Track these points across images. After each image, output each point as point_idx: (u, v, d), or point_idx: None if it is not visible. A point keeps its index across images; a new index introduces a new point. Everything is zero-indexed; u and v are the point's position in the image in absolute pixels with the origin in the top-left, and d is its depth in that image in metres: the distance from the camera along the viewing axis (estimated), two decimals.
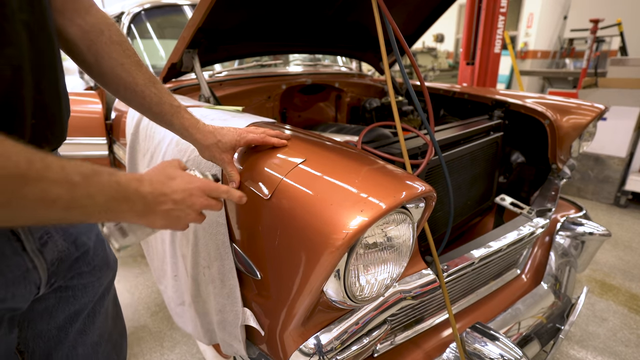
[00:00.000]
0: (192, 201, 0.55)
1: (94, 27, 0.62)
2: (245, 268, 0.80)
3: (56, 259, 0.58)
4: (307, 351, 0.74)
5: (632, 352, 1.61)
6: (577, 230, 1.47)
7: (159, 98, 0.68)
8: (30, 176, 0.35)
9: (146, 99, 0.68)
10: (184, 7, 1.77)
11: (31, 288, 0.54)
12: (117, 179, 0.45)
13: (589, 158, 3.17)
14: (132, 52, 0.66)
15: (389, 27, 0.82)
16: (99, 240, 0.69)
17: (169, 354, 1.64)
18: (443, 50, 7.63)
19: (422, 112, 0.89)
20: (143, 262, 2.38)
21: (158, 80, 0.70)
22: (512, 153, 1.63)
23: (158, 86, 0.69)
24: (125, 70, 0.65)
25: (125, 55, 0.65)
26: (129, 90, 0.67)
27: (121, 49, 0.65)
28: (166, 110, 0.69)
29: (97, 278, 0.68)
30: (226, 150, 0.72)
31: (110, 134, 1.55)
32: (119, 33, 0.65)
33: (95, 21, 0.62)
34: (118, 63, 0.64)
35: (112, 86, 0.67)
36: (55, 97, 0.54)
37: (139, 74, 0.66)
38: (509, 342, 1.00)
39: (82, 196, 0.41)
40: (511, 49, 4.82)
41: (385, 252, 0.68)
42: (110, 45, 0.63)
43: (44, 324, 0.62)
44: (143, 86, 0.67)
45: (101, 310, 0.71)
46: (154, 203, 0.50)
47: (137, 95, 0.67)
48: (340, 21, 1.52)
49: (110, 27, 0.64)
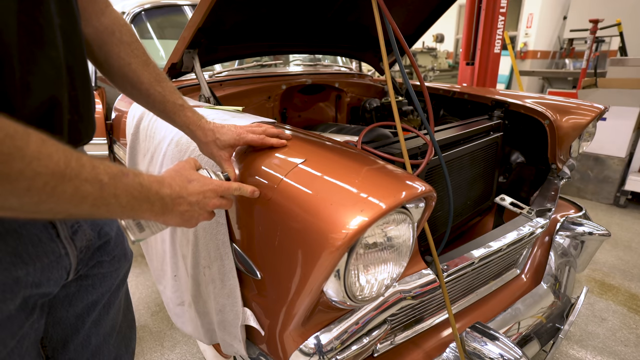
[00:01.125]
0: (205, 202, 0.59)
1: (107, 28, 0.65)
2: (245, 268, 0.80)
3: (84, 247, 0.61)
4: (307, 351, 0.74)
5: (632, 351, 1.61)
6: (576, 230, 1.47)
7: (162, 97, 0.71)
8: (67, 174, 0.39)
9: (150, 97, 0.71)
10: (184, 7, 1.77)
11: (62, 273, 0.57)
12: (140, 180, 0.48)
13: (589, 158, 3.17)
14: (140, 52, 0.69)
15: (389, 27, 0.82)
16: (119, 231, 0.72)
17: (169, 354, 1.64)
18: (443, 51, 7.62)
19: (422, 112, 0.89)
20: (143, 262, 2.38)
21: (165, 79, 0.72)
22: (512, 153, 1.63)
23: (163, 84, 0.71)
24: (131, 70, 0.68)
25: (133, 55, 0.68)
26: (135, 89, 0.70)
27: (130, 49, 0.67)
28: (169, 108, 0.72)
29: (115, 269, 0.70)
30: (224, 148, 0.73)
31: (110, 134, 1.55)
32: (130, 33, 0.68)
33: (109, 22, 0.65)
34: (126, 63, 0.67)
35: (119, 83, 0.71)
36: (87, 94, 0.58)
37: (145, 73, 0.69)
38: (509, 341, 1.00)
39: (109, 195, 0.44)
40: (511, 49, 4.82)
41: (385, 252, 0.68)
42: (120, 46, 0.66)
43: (63, 311, 0.64)
44: (148, 85, 0.70)
45: (115, 302, 0.73)
46: (171, 204, 0.54)
47: (142, 94, 0.71)
48: (340, 21, 1.52)
49: (121, 28, 0.67)
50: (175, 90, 0.74)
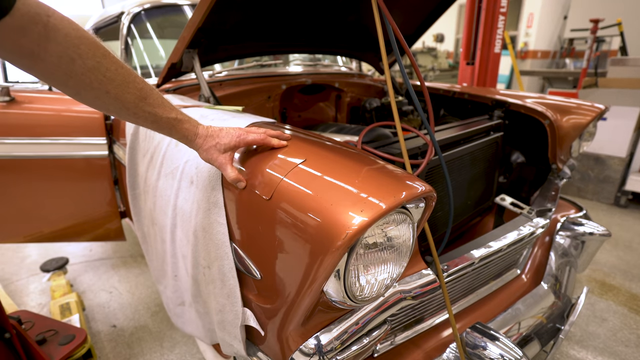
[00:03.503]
0: None
1: (61, 58, 0.53)
2: (245, 268, 0.80)
3: None
4: (307, 351, 0.74)
5: (632, 352, 1.61)
6: (577, 230, 1.47)
7: (153, 116, 0.66)
8: None
9: (140, 120, 0.66)
10: (184, 7, 1.77)
11: None
12: None
13: (589, 158, 3.17)
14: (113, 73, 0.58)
15: (389, 27, 0.82)
16: None
17: (169, 354, 1.64)
18: (443, 50, 7.63)
19: (422, 112, 0.89)
20: (143, 262, 2.38)
21: (150, 91, 0.65)
22: (512, 153, 1.63)
23: (150, 100, 0.64)
24: (111, 98, 0.60)
25: (107, 80, 0.57)
26: (122, 114, 0.64)
27: (101, 74, 0.56)
28: (163, 125, 0.69)
29: None
30: (225, 151, 0.72)
31: (110, 134, 1.55)
32: (91, 55, 0.55)
33: (61, 50, 0.52)
34: (102, 92, 0.58)
35: (104, 111, 0.65)
36: None
37: (127, 95, 0.61)
38: (509, 342, 1.00)
39: None
40: (511, 49, 4.82)
41: (385, 252, 0.68)
42: (88, 74, 0.55)
43: None
44: (134, 107, 0.63)
45: None
46: None
47: (131, 117, 0.65)
48: (340, 21, 1.52)
49: (81, 54, 0.54)
50: (164, 101, 0.68)
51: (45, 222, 1.68)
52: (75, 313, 1.75)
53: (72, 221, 1.69)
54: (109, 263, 2.39)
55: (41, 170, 1.54)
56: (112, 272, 2.28)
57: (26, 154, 1.50)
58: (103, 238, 1.80)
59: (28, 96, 1.58)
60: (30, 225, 1.68)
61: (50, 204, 1.63)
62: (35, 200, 1.61)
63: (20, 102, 1.53)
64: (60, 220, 1.69)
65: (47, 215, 1.67)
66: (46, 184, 1.59)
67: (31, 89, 1.76)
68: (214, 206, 0.80)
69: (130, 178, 1.29)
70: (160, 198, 1.03)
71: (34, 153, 1.50)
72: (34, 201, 1.61)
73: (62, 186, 1.61)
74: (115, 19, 1.76)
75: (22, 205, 1.61)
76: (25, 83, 1.80)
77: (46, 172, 1.55)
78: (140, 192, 1.27)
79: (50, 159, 1.52)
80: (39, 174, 1.55)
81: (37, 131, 1.50)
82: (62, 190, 1.62)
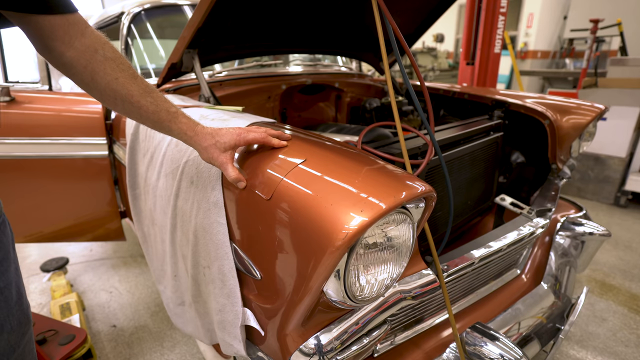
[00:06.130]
0: None
1: (89, 48, 0.66)
2: (245, 268, 0.80)
3: None
4: (307, 351, 0.74)
5: (632, 352, 1.61)
6: (577, 230, 1.47)
7: (155, 106, 0.71)
8: None
9: (142, 109, 0.71)
10: (184, 7, 1.77)
11: None
12: None
13: (589, 158, 3.17)
14: (126, 66, 0.69)
15: (389, 27, 0.82)
16: None
17: (169, 354, 1.64)
18: (443, 50, 7.63)
19: (422, 112, 0.89)
20: (143, 262, 2.38)
21: (153, 89, 0.72)
22: (512, 153, 1.63)
23: (154, 95, 0.72)
24: (120, 84, 0.68)
25: (119, 70, 0.68)
26: (126, 103, 0.70)
27: (115, 64, 0.68)
28: (163, 117, 0.72)
29: None
30: (225, 150, 0.72)
31: (110, 134, 1.55)
32: (112, 50, 0.68)
33: (90, 42, 0.66)
34: (113, 78, 0.68)
35: (110, 100, 0.71)
36: None
37: (134, 86, 0.69)
38: (509, 342, 1.00)
39: None
40: (511, 49, 4.82)
41: (385, 252, 0.68)
42: (105, 62, 0.67)
43: None
44: (139, 96, 0.70)
45: None
46: None
47: (134, 106, 0.71)
48: (340, 21, 1.52)
49: (104, 46, 0.67)
50: (166, 99, 0.74)
51: (46, 222, 1.68)
52: (75, 313, 1.75)
53: (72, 221, 1.70)
54: (109, 263, 2.40)
55: (41, 170, 1.54)
56: (112, 272, 2.28)
57: (26, 154, 1.50)
58: (103, 238, 1.80)
59: (28, 96, 1.58)
60: (31, 225, 1.68)
61: (51, 204, 1.64)
62: (35, 200, 1.61)
63: (20, 102, 1.53)
64: (61, 220, 1.69)
65: (47, 215, 1.67)
66: (46, 184, 1.59)
67: (31, 89, 1.77)
68: (214, 206, 0.80)
69: (131, 178, 1.29)
70: (160, 198, 1.03)
71: (34, 153, 1.50)
72: (34, 201, 1.61)
73: (62, 186, 1.61)
74: (115, 19, 1.76)
75: (22, 205, 1.61)
76: (25, 83, 1.80)
77: (46, 172, 1.55)
78: (140, 192, 1.27)
79: (51, 159, 1.52)
80: (39, 174, 1.55)
81: (37, 131, 1.50)
82: (62, 191, 1.62)
